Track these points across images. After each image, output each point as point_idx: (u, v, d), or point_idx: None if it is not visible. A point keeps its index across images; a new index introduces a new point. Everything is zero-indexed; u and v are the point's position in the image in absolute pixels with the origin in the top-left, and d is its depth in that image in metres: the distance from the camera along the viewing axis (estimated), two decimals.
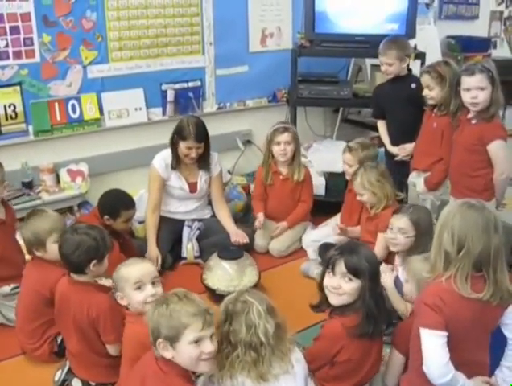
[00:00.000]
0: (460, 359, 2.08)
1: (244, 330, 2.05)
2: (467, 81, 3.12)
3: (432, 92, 3.51)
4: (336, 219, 3.98)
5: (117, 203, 3.41)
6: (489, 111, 3.11)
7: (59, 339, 2.84)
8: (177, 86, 4.56)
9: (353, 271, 2.31)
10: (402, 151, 3.91)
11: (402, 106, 3.86)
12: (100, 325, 2.52)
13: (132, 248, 3.55)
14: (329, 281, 2.37)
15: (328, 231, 3.87)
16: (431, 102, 3.57)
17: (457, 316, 2.05)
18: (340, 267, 2.33)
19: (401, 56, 3.84)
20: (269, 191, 4.10)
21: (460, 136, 3.28)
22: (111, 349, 2.56)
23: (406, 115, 3.83)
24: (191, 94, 4.62)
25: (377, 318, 2.31)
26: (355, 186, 3.52)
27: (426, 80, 3.53)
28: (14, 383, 2.75)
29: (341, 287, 2.33)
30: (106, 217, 3.35)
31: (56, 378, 2.70)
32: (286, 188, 4.03)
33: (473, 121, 3.18)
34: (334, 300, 2.37)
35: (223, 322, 2.11)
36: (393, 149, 4.00)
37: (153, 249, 3.65)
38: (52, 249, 2.80)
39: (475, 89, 3.09)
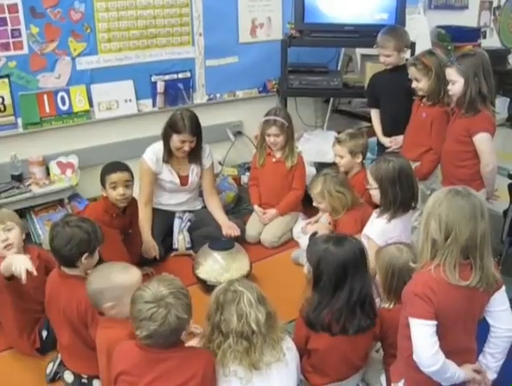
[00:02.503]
0: (450, 347, 2.09)
1: (235, 319, 2.06)
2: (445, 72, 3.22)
3: (420, 84, 3.53)
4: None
5: (103, 169, 3.32)
6: (475, 104, 3.13)
7: (44, 335, 2.83)
8: (167, 77, 4.54)
9: (307, 259, 2.43)
10: (394, 143, 3.91)
11: (398, 96, 3.87)
12: (88, 318, 2.51)
13: (136, 244, 3.52)
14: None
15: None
16: (420, 93, 3.58)
17: (446, 304, 2.06)
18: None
19: (399, 47, 3.85)
20: (261, 174, 4.13)
21: (451, 126, 3.32)
22: None
23: (401, 106, 3.83)
24: (181, 85, 4.62)
25: (352, 317, 2.31)
26: (313, 194, 3.52)
27: (412, 72, 3.55)
28: (5, 377, 2.74)
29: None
30: (102, 188, 3.28)
31: (48, 371, 2.70)
32: (278, 172, 4.04)
33: (462, 112, 3.20)
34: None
35: (214, 311, 2.12)
36: (384, 140, 4.00)
37: (149, 240, 3.64)
38: None
39: (449, 81, 3.15)
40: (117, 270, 2.44)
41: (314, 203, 3.56)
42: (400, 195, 2.96)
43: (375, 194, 3.06)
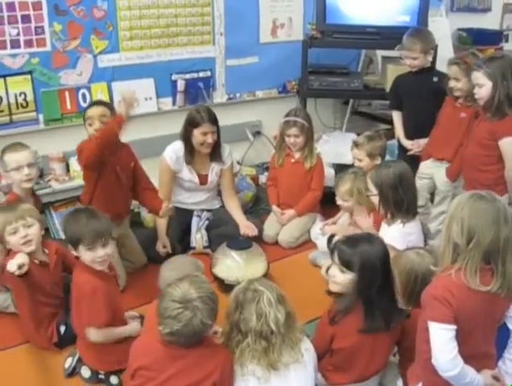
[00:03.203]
0: (469, 352, 2.07)
1: (254, 318, 2.06)
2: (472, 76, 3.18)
3: (459, 84, 3.49)
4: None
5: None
6: (503, 107, 3.09)
7: (62, 329, 2.85)
8: (187, 76, 4.55)
9: (344, 263, 2.34)
10: (416, 146, 3.88)
11: (421, 99, 3.84)
12: (77, 306, 2.55)
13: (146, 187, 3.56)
14: (330, 268, 2.42)
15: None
16: (457, 94, 3.53)
17: (466, 309, 2.04)
18: (336, 257, 2.37)
19: (426, 49, 3.82)
20: (279, 175, 4.13)
21: (475, 130, 3.28)
22: (87, 333, 2.57)
23: (425, 108, 3.79)
24: (201, 84, 4.63)
25: (372, 315, 2.29)
26: (340, 192, 3.49)
27: (454, 71, 3.50)
28: (22, 371, 2.76)
29: (335, 276, 2.38)
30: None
31: (67, 365, 2.71)
32: (297, 173, 4.04)
33: (488, 116, 3.17)
34: (331, 286, 2.44)
35: (233, 310, 2.12)
36: (406, 143, 3.98)
37: (163, 238, 3.68)
38: (11, 241, 2.77)
39: (476, 85, 3.12)
40: None
41: (338, 202, 3.53)
42: (405, 200, 2.95)
43: (375, 200, 3.06)
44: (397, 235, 2.96)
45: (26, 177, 3.11)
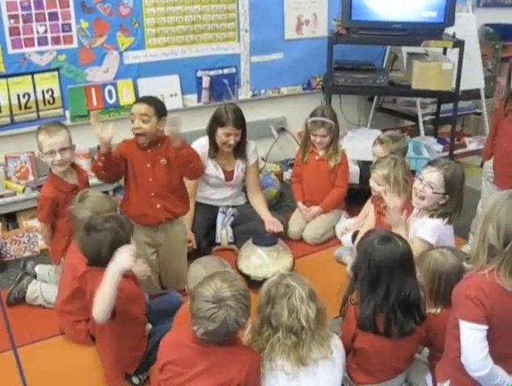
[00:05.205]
0: (500, 353, 2.05)
1: (286, 314, 2.07)
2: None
3: None
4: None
5: None
6: None
7: None
8: (212, 73, 4.57)
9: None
10: None
11: None
12: None
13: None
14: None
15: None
16: None
17: (499, 310, 2.02)
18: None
19: None
20: (304, 172, 4.11)
21: (508, 125, 3.22)
22: None
23: None
24: (226, 81, 4.64)
25: (393, 319, 2.27)
26: (376, 174, 3.31)
27: None
28: (55, 363, 2.79)
29: None
30: None
31: None
32: (321, 170, 4.02)
33: None
34: None
35: (264, 304, 2.12)
36: None
37: (188, 233, 3.67)
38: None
39: None
40: None
41: (370, 184, 3.40)
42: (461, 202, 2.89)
43: (433, 198, 2.92)
44: (434, 226, 2.92)
45: (58, 162, 3.13)
